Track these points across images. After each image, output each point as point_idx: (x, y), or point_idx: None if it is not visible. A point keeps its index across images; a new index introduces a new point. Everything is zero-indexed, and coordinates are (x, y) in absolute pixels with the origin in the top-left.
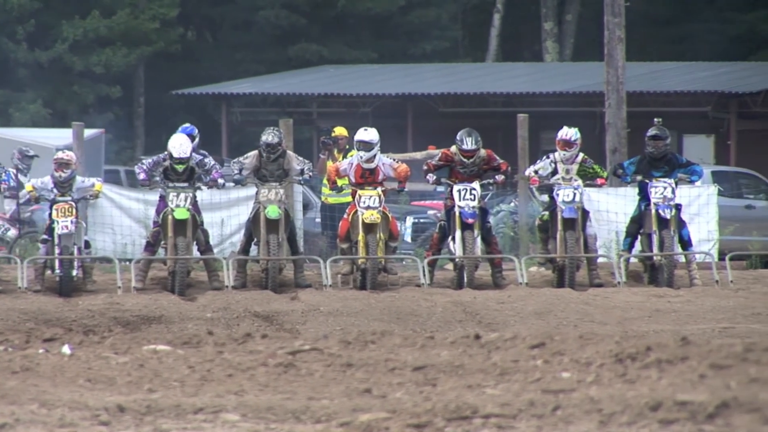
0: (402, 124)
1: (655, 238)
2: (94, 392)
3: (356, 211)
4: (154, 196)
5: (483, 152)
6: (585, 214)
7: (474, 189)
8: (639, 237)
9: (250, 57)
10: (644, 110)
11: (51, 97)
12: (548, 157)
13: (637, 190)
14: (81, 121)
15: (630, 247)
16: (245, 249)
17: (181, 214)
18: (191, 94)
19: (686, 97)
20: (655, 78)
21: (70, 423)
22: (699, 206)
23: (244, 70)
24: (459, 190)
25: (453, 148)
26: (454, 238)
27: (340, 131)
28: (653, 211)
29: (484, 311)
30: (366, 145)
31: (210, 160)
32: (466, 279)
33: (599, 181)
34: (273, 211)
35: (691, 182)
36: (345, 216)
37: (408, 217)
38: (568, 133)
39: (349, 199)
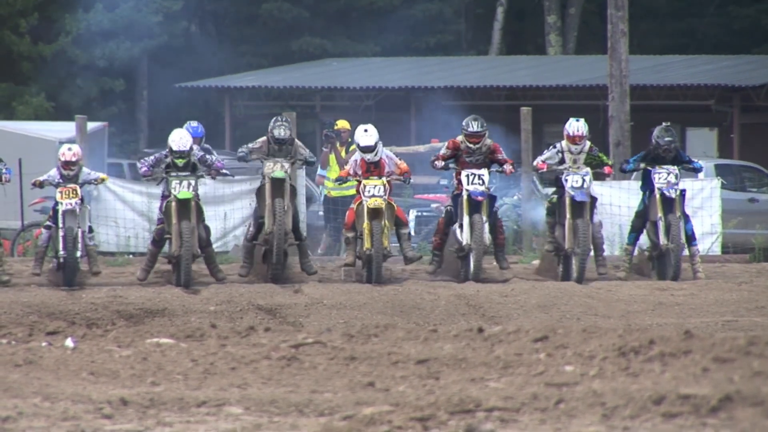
0: (405, 117)
1: (661, 224)
2: (97, 385)
3: (361, 201)
4: (157, 190)
5: (489, 141)
6: (593, 202)
7: (482, 175)
8: (644, 231)
9: (253, 50)
10: (647, 103)
11: (54, 90)
12: (555, 147)
13: (639, 183)
14: (84, 114)
15: (634, 242)
16: (254, 236)
17: (184, 194)
18: (195, 87)
19: (689, 90)
20: (659, 71)
21: (73, 416)
22: (702, 200)
23: (248, 64)
24: (467, 175)
25: (459, 137)
26: (461, 225)
27: (342, 124)
28: (657, 195)
29: (488, 304)
30: (368, 149)
31: (213, 157)
32: (473, 266)
33: (606, 169)
34: (278, 173)
35: (695, 171)
36: (352, 206)
37: (411, 211)
38: (578, 128)
39: (352, 192)
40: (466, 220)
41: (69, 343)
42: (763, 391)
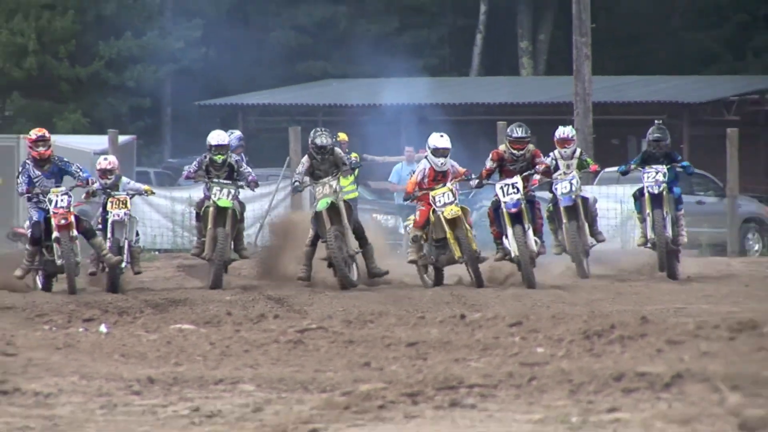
0: (397, 131)
1: (648, 221)
2: (127, 366)
3: (434, 210)
4: (180, 194)
5: (531, 146)
6: (585, 200)
7: (516, 183)
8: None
9: (263, 72)
10: (608, 118)
11: (89, 107)
12: (549, 156)
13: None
14: (116, 129)
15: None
16: (313, 242)
17: (224, 203)
18: (212, 105)
19: (645, 106)
20: (618, 90)
21: (107, 392)
22: None
23: (258, 84)
24: (501, 187)
25: (502, 147)
26: (506, 236)
27: (342, 137)
28: (646, 193)
29: (469, 294)
30: (443, 152)
31: (246, 168)
32: (523, 274)
33: (592, 168)
34: (323, 203)
35: (688, 173)
36: (422, 207)
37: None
38: (565, 131)
39: (354, 195)
40: (509, 231)
41: (103, 328)
42: (709, 369)
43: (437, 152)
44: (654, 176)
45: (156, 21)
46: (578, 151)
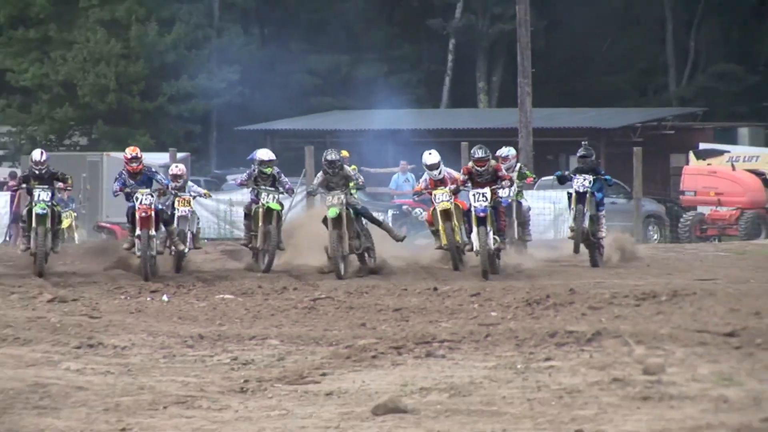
0: (385, 149)
1: (571, 214)
2: (183, 326)
3: (435, 208)
4: (224, 196)
5: (493, 163)
6: (519, 205)
7: (485, 193)
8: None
9: (286, 105)
10: (544, 140)
11: (155, 132)
12: None
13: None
14: (174, 148)
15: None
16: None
17: (273, 206)
18: (247, 130)
19: (572, 131)
20: (552, 118)
21: (168, 346)
22: None
23: (282, 114)
24: (473, 194)
25: (470, 164)
26: (474, 233)
27: (344, 153)
28: (574, 193)
29: (440, 272)
30: (433, 166)
31: (284, 178)
32: (481, 264)
33: (528, 180)
34: (332, 212)
35: (609, 185)
36: (430, 209)
37: (389, 210)
38: (503, 151)
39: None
40: (475, 229)
41: (165, 298)
42: (621, 328)
43: (429, 167)
44: (582, 181)
45: (205, 67)
46: (518, 165)
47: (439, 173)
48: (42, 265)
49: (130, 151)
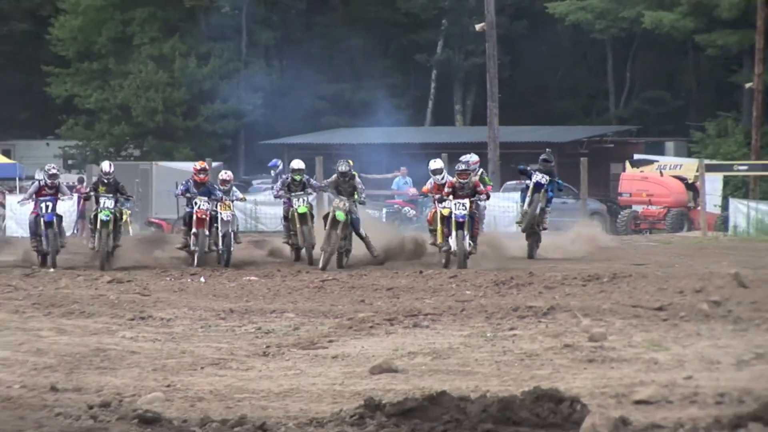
0: (382, 158)
1: (527, 201)
2: (217, 302)
3: (436, 210)
4: (250, 197)
5: (474, 178)
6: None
7: (465, 203)
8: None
9: (300, 123)
10: (509, 152)
11: (195, 145)
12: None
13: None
14: (210, 158)
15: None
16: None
17: (302, 209)
18: (269, 143)
19: (532, 144)
20: (515, 134)
21: (204, 318)
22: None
23: (297, 130)
24: (455, 204)
25: (453, 178)
26: (452, 236)
27: (349, 162)
28: (532, 183)
29: (425, 259)
30: (437, 171)
31: (313, 182)
32: (458, 263)
33: (488, 188)
34: (340, 215)
35: (560, 189)
36: (432, 210)
37: (384, 208)
38: (465, 157)
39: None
40: (453, 233)
41: (202, 279)
42: (570, 303)
43: (434, 172)
44: (541, 177)
45: (234, 93)
46: (480, 171)
47: (442, 178)
48: (104, 260)
49: (200, 164)
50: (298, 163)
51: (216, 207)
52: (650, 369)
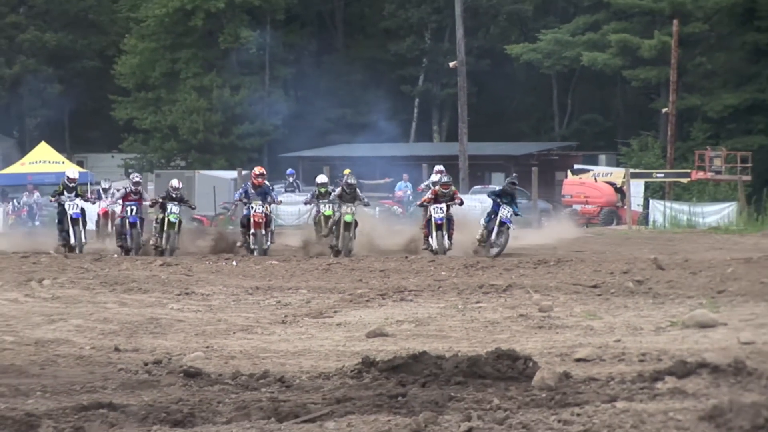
0: (372, 168)
1: (494, 230)
2: (245, 281)
3: (432, 216)
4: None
5: (453, 188)
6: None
7: (443, 207)
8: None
9: (311, 140)
10: (476, 163)
11: (229, 156)
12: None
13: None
14: (240, 167)
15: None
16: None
17: (348, 218)
18: (286, 156)
19: (493, 157)
20: (481, 149)
21: (236, 294)
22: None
23: (309, 145)
24: (433, 208)
25: (437, 187)
26: (433, 236)
27: (346, 171)
28: (499, 219)
29: (411, 246)
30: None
31: (333, 193)
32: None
33: (457, 199)
34: (348, 217)
35: (516, 215)
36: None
37: (377, 207)
38: (438, 167)
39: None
40: (434, 233)
41: (234, 263)
42: (525, 282)
43: (434, 182)
44: (506, 212)
45: (259, 116)
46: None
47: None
48: (169, 252)
49: (258, 170)
50: (322, 178)
51: (270, 208)
52: (587, 334)
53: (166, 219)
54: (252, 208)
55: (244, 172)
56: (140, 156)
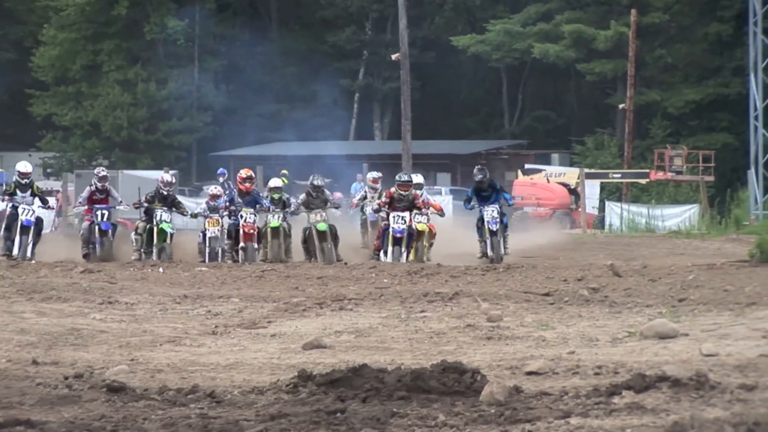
0: (311, 168)
1: (488, 242)
2: (173, 289)
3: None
4: (201, 199)
5: (413, 192)
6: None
7: (404, 216)
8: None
9: (243, 138)
10: (420, 162)
11: (155, 156)
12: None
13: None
14: (167, 167)
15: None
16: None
17: (321, 226)
18: (217, 155)
19: (438, 155)
20: (424, 147)
21: (162, 303)
22: (445, 206)
23: (241, 144)
24: (393, 216)
25: (392, 189)
26: (386, 252)
27: (283, 172)
28: (486, 226)
29: (348, 258)
30: (416, 186)
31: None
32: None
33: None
34: (322, 226)
35: (509, 205)
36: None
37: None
38: (372, 175)
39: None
40: (389, 249)
41: (160, 270)
42: (472, 290)
43: (416, 186)
44: (491, 214)
45: (188, 112)
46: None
47: (422, 195)
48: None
49: (245, 172)
50: (275, 182)
51: (266, 217)
52: (539, 345)
53: (156, 229)
54: (241, 216)
55: (171, 172)
56: (59, 155)
